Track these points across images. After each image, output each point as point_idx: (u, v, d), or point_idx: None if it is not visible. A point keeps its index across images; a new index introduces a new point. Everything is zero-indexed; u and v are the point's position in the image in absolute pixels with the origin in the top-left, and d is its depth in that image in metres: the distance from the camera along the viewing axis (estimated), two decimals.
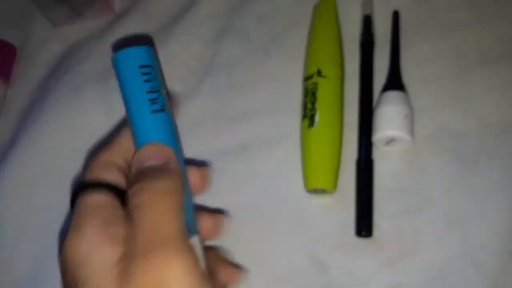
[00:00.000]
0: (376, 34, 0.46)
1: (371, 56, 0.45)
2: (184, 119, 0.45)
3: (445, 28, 0.46)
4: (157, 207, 0.26)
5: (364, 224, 0.39)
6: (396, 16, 0.47)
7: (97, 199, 0.28)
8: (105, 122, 0.46)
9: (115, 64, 0.30)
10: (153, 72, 0.30)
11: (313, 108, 0.41)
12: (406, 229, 0.39)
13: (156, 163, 0.28)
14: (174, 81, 0.47)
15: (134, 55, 0.30)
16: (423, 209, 0.39)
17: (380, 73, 0.44)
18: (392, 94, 0.41)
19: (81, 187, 0.29)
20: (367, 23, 0.46)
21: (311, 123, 0.41)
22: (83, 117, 0.47)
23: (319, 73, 0.42)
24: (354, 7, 0.48)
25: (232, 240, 0.36)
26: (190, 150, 0.43)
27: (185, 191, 0.29)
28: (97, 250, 0.25)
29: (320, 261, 0.39)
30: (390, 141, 0.40)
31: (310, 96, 0.42)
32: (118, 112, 0.46)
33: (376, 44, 0.46)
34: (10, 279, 0.42)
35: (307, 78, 0.43)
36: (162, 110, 0.30)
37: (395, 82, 0.43)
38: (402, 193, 0.40)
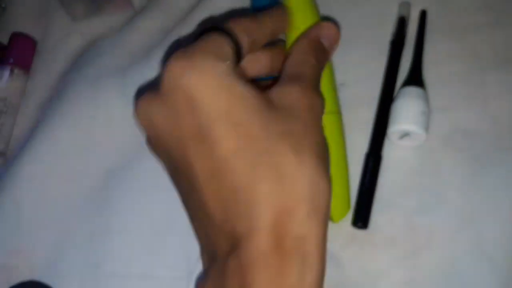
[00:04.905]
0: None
1: (399, 56, 0.45)
2: None
3: (462, 30, 0.47)
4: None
5: (361, 216, 0.40)
6: (423, 15, 0.47)
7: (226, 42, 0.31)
8: (123, 115, 0.47)
9: None
10: None
11: None
12: (420, 225, 0.39)
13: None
14: None
15: None
16: (437, 206, 0.40)
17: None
18: (411, 89, 0.42)
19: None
20: (401, 24, 0.47)
21: None
22: (101, 110, 0.47)
23: None
24: (390, 6, 0.48)
25: None
26: None
27: None
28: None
29: (333, 256, 0.39)
30: (405, 135, 0.40)
31: None
32: None
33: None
34: (28, 266, 0.43)
35: None
36: None
37: (415, 78, 0.43)
38: (417, 190, 0.40)
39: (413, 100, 0.41)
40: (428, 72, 0.44)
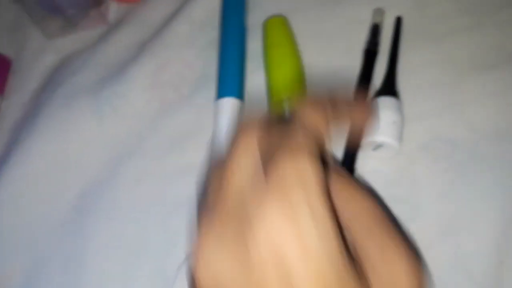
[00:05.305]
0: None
1: (372, 65, 0.44)
2: (179, 126, 0.46)
3: (439, 36, 0.46)
4: None
5: None
6: (398, 22, 0.46)
7: None
8: (98, 133, 0.46)
9: None
10: None
11: None
12: None
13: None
14: (167, 89, 0.47)
15: None
16: (415, 217, 0.39)
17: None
18: (384, 100, 0.41)
19: None
20: (375, 31, 0.46)
21: None
22: (75, 129, 0.47)
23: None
24: (364, 12, 0.48)
25: None
26: (190, 155, 0.43)
27: None
28: None
29: None
30: (378, 146, 0.40)
31: None
32: (110, 123, 0.46)
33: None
34: None
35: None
36: None
37: (388, 87, 0.42)
38: (394, 201, 0.39)
39: (386, 110, 0.40)
40: (404, 80, 0.44)
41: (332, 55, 0.46)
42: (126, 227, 0.42)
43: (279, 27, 0.47)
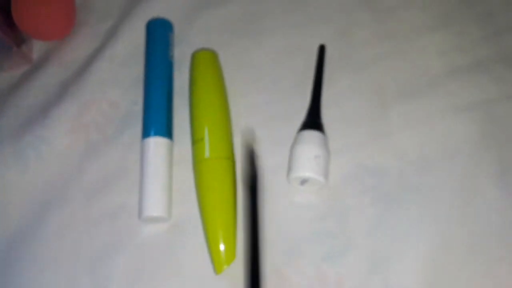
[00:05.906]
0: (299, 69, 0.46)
1: (256, 195, 0.40)
2: (104, 168, 0.44)
3: (362, 63, 0.46)
4: None
5: None
6: (322, 50, 0.46)
7: None
8: (21, 180, 0.44)
9: None
10: None
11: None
12: (329, 274, 0.38)
13: None
14: (91, 130, 0.46)
15: None
16: (346, 253, 0.38)
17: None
18: (307, 134, 0.40)
19: None
20: (252, 158, 0.41)
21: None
22: None
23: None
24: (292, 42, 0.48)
25: None
26: (117, 198, 0.43)
27: None
28: None
29: None
30: (305, 181, 0.39)
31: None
32: (34, 169, 0.45)
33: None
34: None
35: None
36: None
37: (312, 121, 0.42)
38: (324, 236, 0.39)
39: (307, 145, 0.39)
40: (330, 110, 0.43)
41: (261, 87, 0.46)
42: (53, 277, 0.40)
43: (206, 61, 0.46)
